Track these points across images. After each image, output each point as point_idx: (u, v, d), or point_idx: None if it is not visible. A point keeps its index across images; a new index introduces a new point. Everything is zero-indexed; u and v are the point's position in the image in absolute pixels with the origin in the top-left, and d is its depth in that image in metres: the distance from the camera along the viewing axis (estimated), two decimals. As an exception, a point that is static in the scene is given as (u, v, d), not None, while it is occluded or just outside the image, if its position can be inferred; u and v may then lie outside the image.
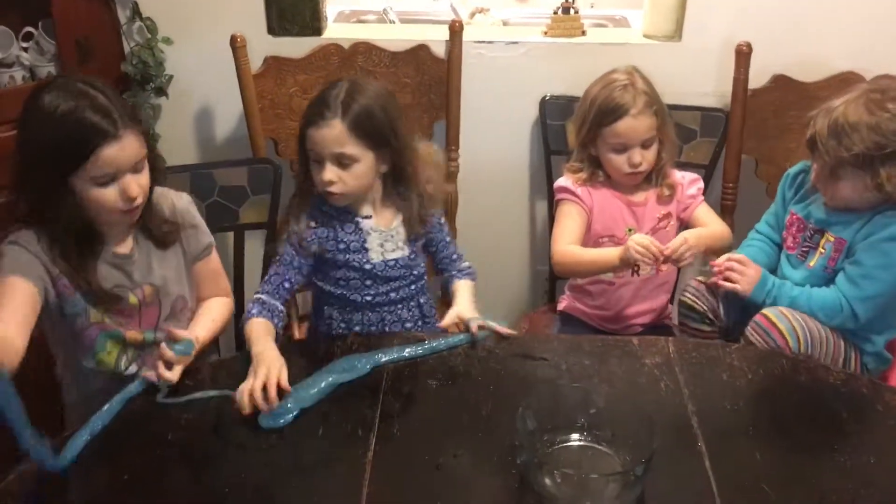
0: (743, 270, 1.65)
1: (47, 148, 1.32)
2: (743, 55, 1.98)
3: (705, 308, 1.73)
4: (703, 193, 1.92)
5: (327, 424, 1.30)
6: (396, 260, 1.64)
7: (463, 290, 1.69)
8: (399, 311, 1.68)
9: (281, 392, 1.32)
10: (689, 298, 1.76)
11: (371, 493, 1.15)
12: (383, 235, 1.62)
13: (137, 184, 1.37)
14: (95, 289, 1.40)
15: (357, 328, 1.66)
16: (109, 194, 1.35)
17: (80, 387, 1.51)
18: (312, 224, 1.59)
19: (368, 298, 1.64)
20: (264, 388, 1.31)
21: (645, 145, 1.78)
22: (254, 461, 1.23)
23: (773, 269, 1.77)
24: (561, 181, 1.89)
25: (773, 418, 1.33)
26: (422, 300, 1.71)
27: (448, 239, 1.73)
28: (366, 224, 1.62)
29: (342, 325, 1.67)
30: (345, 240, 1.60)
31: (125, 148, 1.34)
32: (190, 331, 1.45)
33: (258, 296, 1.56)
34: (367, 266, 1.61)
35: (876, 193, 1.56)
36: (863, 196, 1.58)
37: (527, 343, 1.55)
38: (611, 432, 1.23)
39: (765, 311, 1.61)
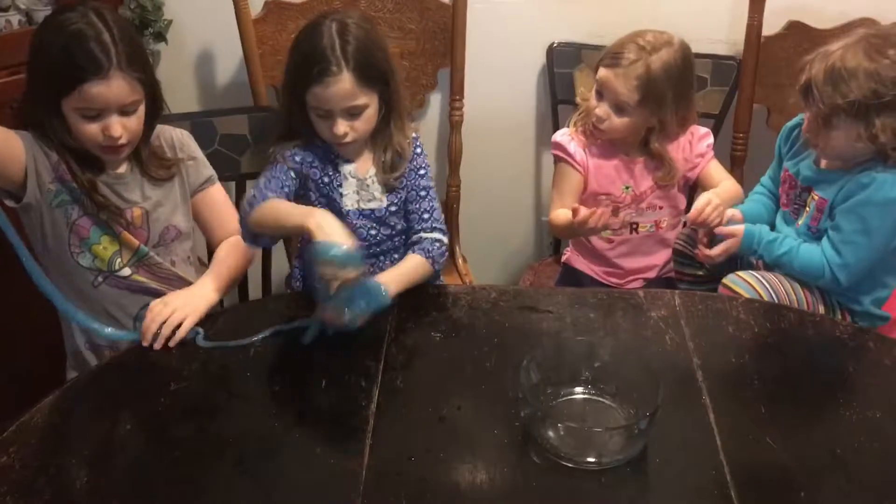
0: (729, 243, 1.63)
1: (45, 66, 1.36)
2: (757, 0, 1.92)
3: (694, 252, 1.73)
4: (713, 144, 1.88)
5: (330, 376, 1.29)
6: (372, 210, 1.56)
7: (399, 265, 1.52)
8: (372, 269, 1.57)
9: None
10: (680, 245, 1.77)
11: (374, 444, 1.15)
12: (360, 183, 1.55)
13: (122, 125, 1.37)
14: (96, 197, 1.42)
15: None
16: (92, 129, 1.37)
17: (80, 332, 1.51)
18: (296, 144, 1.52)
19: None
20: None
21: (618, 108, 1.71)
22: (257, 412, 1.23)
23: (773, 224, 1.75)
24: (558, 136, 1.85)
25: (778, 372, 1.32)
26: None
27: (424, 193, 1.58)
28: (346, 168, 1.54)
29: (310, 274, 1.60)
30: (326, 173, 1.54)
31: (111, 88, 1.34)
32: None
33: (257, 190, 1.45)
34: (340, 212, 1.53)
35: (869, 144, 1.51)
36: (855, 147, 1.53)
37: (531, 295, 1.53)
38: (615, 385, 1.22)
39: (724, 280, 1.60)
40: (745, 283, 1.58)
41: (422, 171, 1.59)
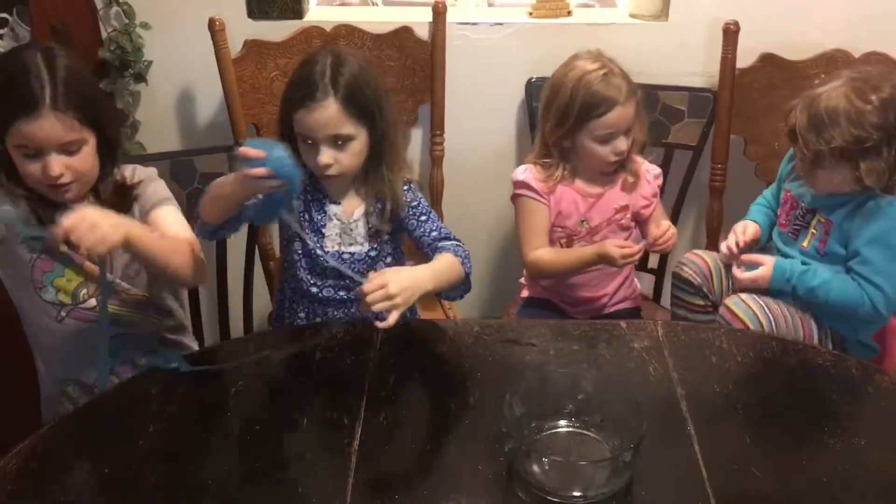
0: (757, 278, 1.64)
1: None
2: (730, 34, 1.96)
3: (700, 282, 1.74)
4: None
5: (312, 414, 1.28)
6: (353, 254, 1.55)
7: (433, 261, 1.52)
8: (352, 311, 1.58)
9: None
10: (685, 272, 1.77)
11: (357, 482, 1.13)
12: (343, 227, 1.55)
13: (64, 164, 1.34)
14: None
15: (302, 315, 1.60)
16: (33, 168, 1.35)
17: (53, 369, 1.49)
18: None
19: (314, 290, 1.56)
20: None
21: (627, 132, 1.74)
22: (237, 453, 1.21)
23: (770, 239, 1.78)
24: (520, 175, 1.82)
25: (762, 401, 1.32)
26: None
27: (424, 217, 1.58)
28: (331, 209, 1.54)
29: (291, 308, 1.61)
30: (312, 211, 1.54)
31: (43, 127, 1.31)
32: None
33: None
34: (320, 252, 1.52)
35: (854, 185, 1.54)
36: (844, 186, 1.56)
37: (514, 328, 1.53)
38: (599, 418, 1.21)
39: (726, 301, 1.62)
40: (743, 303, 1.58)
41: (414, 203, 1.57)
